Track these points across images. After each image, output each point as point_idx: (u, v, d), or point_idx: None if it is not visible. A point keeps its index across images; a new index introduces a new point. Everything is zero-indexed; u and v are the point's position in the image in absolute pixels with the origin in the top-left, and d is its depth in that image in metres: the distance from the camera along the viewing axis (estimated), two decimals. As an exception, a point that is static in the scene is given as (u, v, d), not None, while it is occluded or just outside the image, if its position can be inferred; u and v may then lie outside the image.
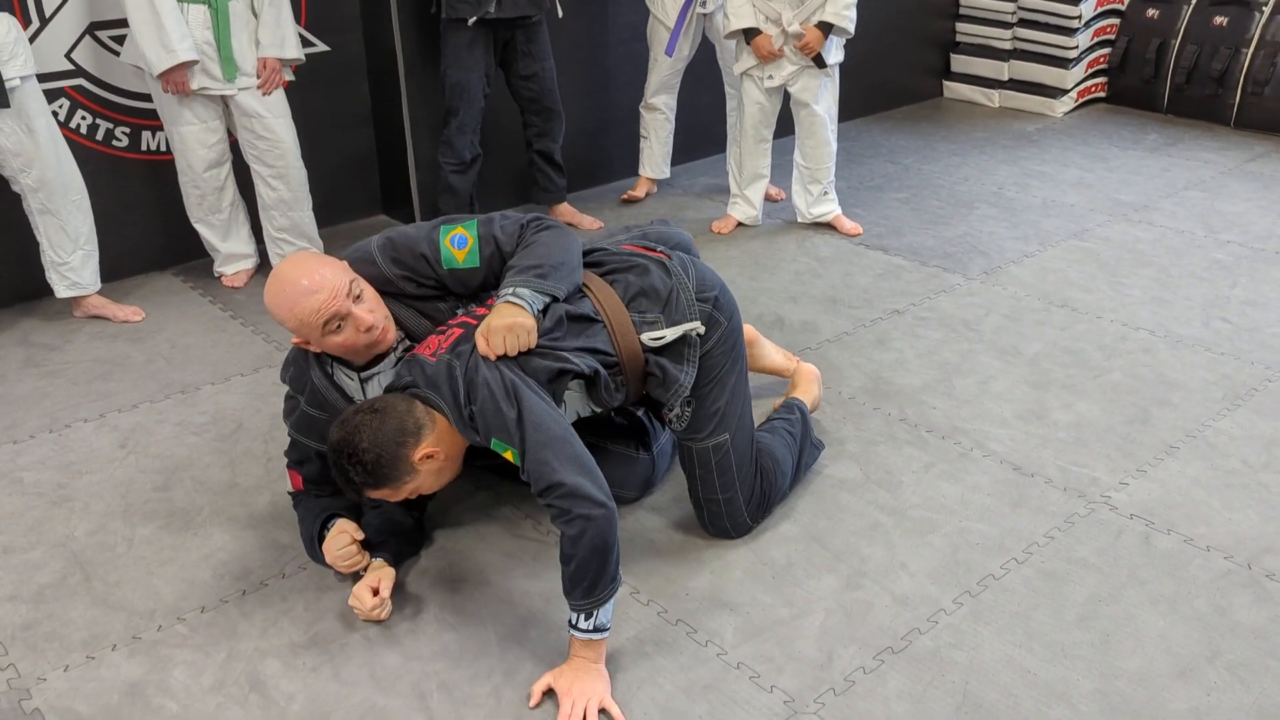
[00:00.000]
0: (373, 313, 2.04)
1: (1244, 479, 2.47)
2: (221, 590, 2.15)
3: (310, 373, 2.12)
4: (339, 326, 2.00)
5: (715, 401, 2.16)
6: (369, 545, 2.14)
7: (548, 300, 2.00)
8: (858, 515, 2.35)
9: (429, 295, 2.15)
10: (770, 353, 2.78)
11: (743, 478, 2.22)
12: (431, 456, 1.92)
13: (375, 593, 2.03)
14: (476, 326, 1.99)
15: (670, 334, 2.08)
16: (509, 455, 1.85)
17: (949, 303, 3.39)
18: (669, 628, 2.03)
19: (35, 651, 1.99)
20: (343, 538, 2.09)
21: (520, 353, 1.93)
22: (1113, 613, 2.06)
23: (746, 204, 4.01)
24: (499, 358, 1.91)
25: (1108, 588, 2.12)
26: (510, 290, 1.97)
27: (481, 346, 1.92)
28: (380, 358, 2.13)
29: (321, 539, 2.13)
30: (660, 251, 2.22)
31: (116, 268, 3.53)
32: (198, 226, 3.50)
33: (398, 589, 2.12)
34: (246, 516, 2.38)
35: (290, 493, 2.27)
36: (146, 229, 3.63)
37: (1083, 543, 2.26)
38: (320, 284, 1.98)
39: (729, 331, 2.18)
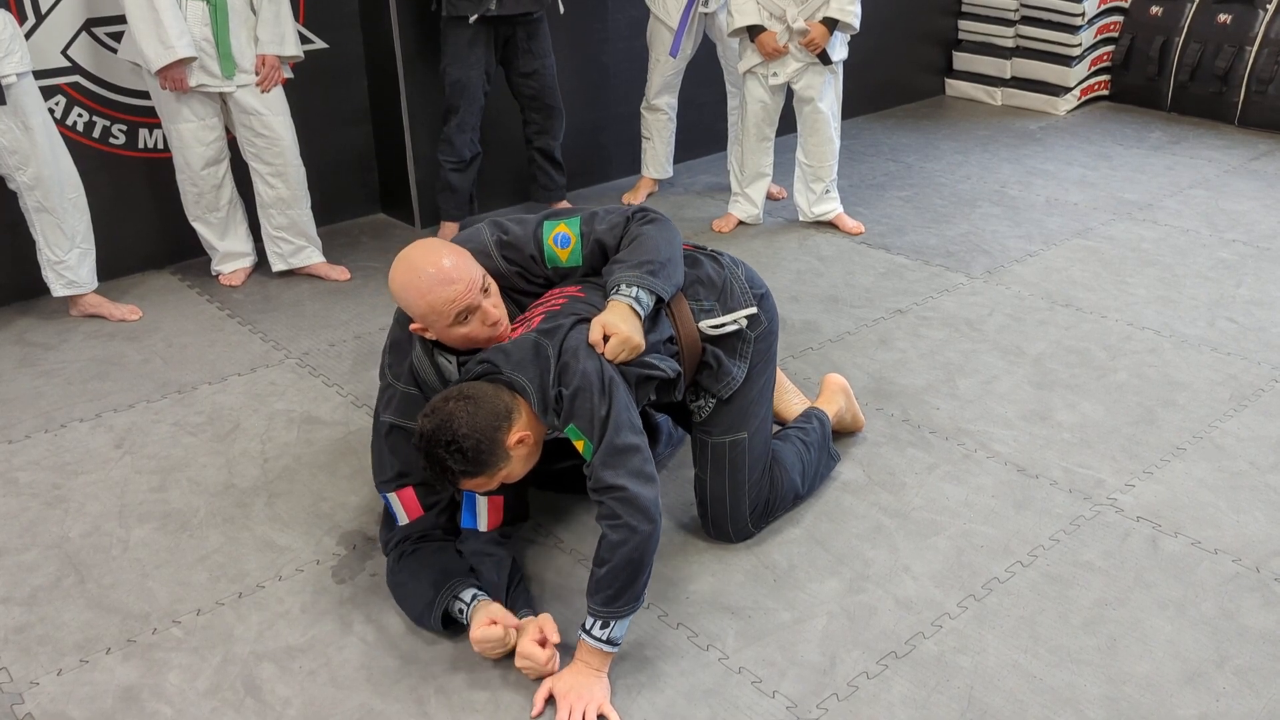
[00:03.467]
0: (498, 307, 2.01)
1: (1251, 480, 2.44)
2: (217, 593, 2.12)
3: (411, 352, 2.07)
4: (467, 318, 1.96)
5: (742, 397, 2.16)
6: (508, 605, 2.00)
7: (656, 300, 1.99)
8: (860, 517, 2.33)
9: (537, 290, 2.14)
10: (791, 400, 2.61)
11: (752, 481, 2.20)
12: (523, 441, 1.88)
13: (543, 644, 1.88)
14: (568, 306, 1.98)
15: (728, 320, 2.11)
16: (580, 445, 1.85)
17: (952, 302, 3.37)
18: (670, 631, 2.01)
19: (28, 655, 1.97)
20: (495, 630, 1.88)
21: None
22: (1120, 617, 2.03)
23: (748, 202, 3.98)
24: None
25: (1114, 591, 2.10)
26: (626, 288, 1.96)
27: (595, 336, 1.91)
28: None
29: (443, 611, 1.96)
30: (707, 249, 2.24)
31: (113, 266, 3.51)
32: (195, 225, 3.48)
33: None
34: (243, 518, 2.35)
35: (388, 539, 2.08)
36: (143, 227, 3.61)
37: (1088, 545, 2.23)
38: (458, 274, 1.93)
39: (768, 332, 2.20)
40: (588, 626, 1.85)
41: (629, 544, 1.80)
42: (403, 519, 2.09)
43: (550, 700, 1.84)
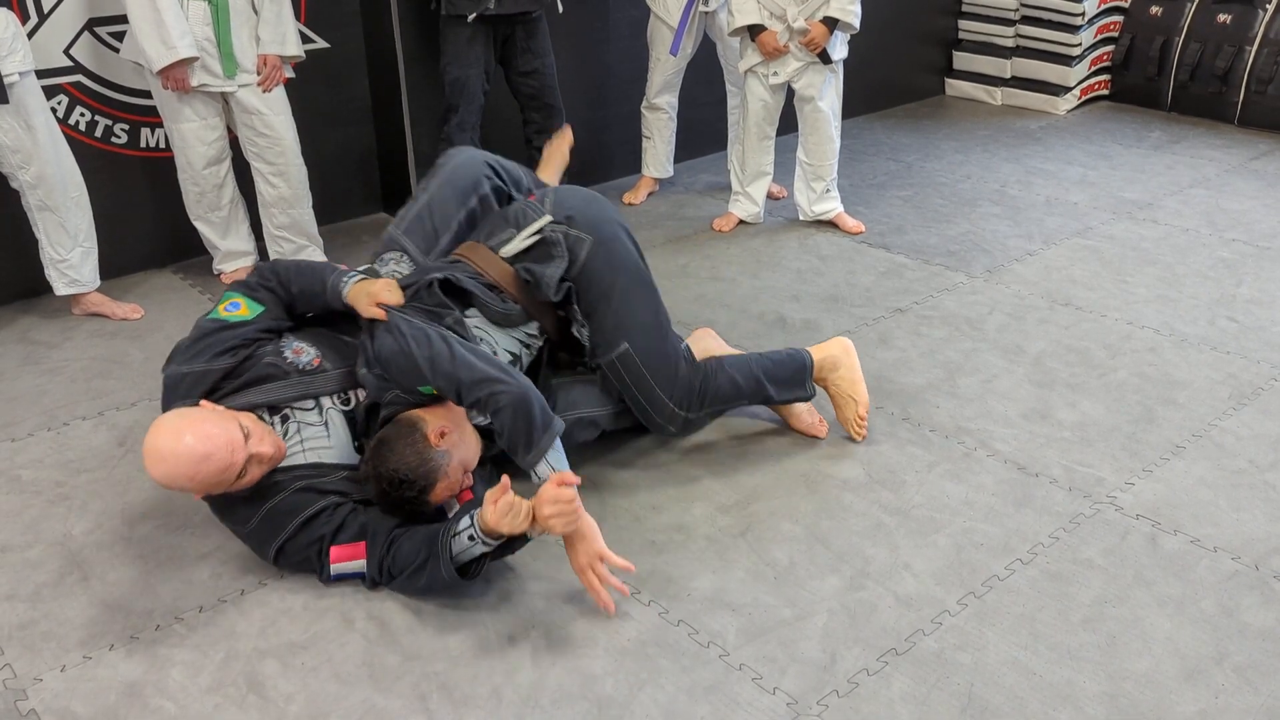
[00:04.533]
0: (264, 442, 2.03)
1: (1251, 479, 2.45)
2: (220, 589, 2.13)
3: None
4: (245, 472, 2.00)
5: (605, 317, 2.31)
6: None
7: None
8: (861, 515, 2.34)
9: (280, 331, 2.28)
10: (801, 413, 2.64)
11: (660, 378, 2.32)
12: (445, 433, 2.07)
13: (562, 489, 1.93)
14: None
15: (520, 237, 2.34)
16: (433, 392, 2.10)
17: (952, 301, 3.38)
18: (670, 629, 2.01)
19: (32, 651, 1.97)
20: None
21: (398, 306, 2.18)
22: (1119, 614, 2.04)
23: (749, 201, 3.99)
24: (386, 310, 2.16)
25: (1114, 589, 2.11)
26: (349, 278, 2.25)
27: (370, 313, 2.16)
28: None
29: (452, 553, 1.98)
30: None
31: (115, 265, 3.51)
32: (197, 224, 3.48)
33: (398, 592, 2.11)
34: (245, 515, 2.36)
35: (373, 574, 2.07)
36: (146, 226, 3.62)
37: (1088, 543, 2.24)
38: (209, 444, 1.93)
39: (599, 245, 2.33)
40: (536, 479, 2.03)
41: (504, 401, 2.02)
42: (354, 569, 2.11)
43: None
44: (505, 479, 1.94)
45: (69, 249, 3.16)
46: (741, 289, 3.48)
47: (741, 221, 4.01)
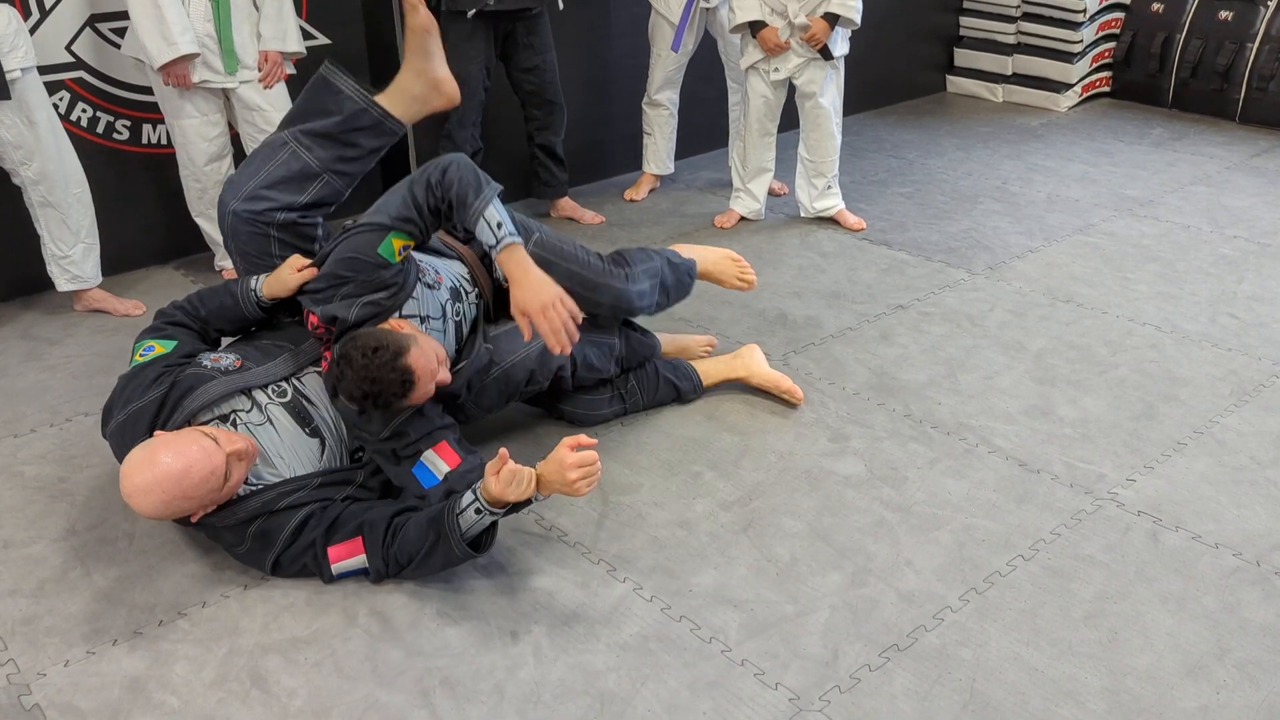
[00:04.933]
0: (231, 440, 2.04)
1: (1252, 475, 2.45)
2: (223, 585, 2.13)
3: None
4: (229, 475, 2.01)
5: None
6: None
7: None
8: (862, 512, 2.34)
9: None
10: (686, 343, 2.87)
11: (577, 248, 2.49)
12: (403, 327, 2.21)
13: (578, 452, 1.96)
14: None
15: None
16: (397, 243, 2.21)
17: (953, 298, 3.38)
18: (673, 624, 2.02)
19: (35, 646, 1.98)
20: (505, 471, 1.94)
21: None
22: (1120, 610, 2.04)
23: (750, 198, 3.99)
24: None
25: (1115, 585, 2.11)
26: (257, 279, 2.38)
27: (295, 279, 2.30)
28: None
29: (461, 529, 2.00)
30: None
31: (117, 261, 3.51)
32: (199, 220, 3.48)
33: (399, 584, 2.11)
34: (248, 511, 2.36)
35: (379, 567, 2.08)
36: (147, 223, 3.62)
37: (1090, 540, 2.24)
38: (185, 458, 1.94)
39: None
40: (488, 244, 2.15)
41: (452, 164, 2.18)
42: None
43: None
44: (503, 451, 1.94)
45: (71, 245, 3.16)
46: (743, 286, 3.48)
47: (743, 218, 4.01)
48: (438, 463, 2.18)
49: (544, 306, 2.14)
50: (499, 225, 2.17)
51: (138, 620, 2.04)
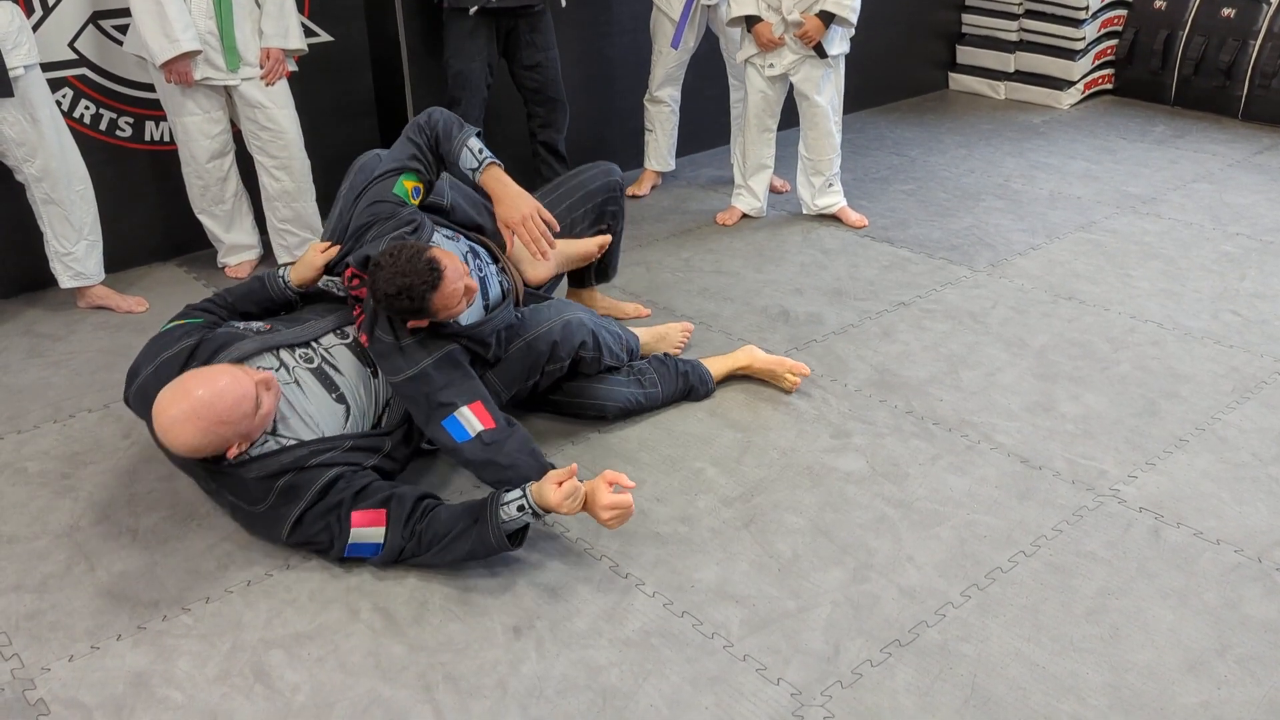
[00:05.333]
0: (256, 371, 2.11)
1: (1254, 472, 2.46)
2: (226, 580, 2.14)
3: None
4: (261, 401, 2.07)
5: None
6: None
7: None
8: (864, 508, 2.34)
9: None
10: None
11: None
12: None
13: (616, 491, 2.07)
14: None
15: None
16: (409, 184, 2.45)
17: (955, 295, 3.38)
18: (675, 620, 2.02)
19: (39, 641, 1.98)
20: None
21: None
22: (1122, 606, 2.05)
23: (751, 195, 3.99)
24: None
25: (1117, 581, 2.11)
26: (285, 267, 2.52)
27: (320, 259, 2.45)
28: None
29: (500, 521, 2.06)
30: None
31: (120, 258, 3.52)
32: (201, 217, 3.49)
33: (402, 579, 2.12)
34: (251, 507, 2.37)
35: (398, 545, 2.09)
36: (150, 220, 3.62)
37: (1091, 536, 2.24)
38: (220, 383, 2.01)
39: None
40: (472, 167, 2.39)
41: (437, 110, 2.46)
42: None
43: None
44: (574, 466, 2.07)
45: (74, 242, 3.17)
46: (745, 283, 3.48)
47: (745, 215, 4.01)
48: (472, 421, 2.22)
49: (524, 218, 2.38)
50: (480, 151, 2.43)
51: (141, 615, 2.04)
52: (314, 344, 2.33)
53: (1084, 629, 1.99)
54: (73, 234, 3.15)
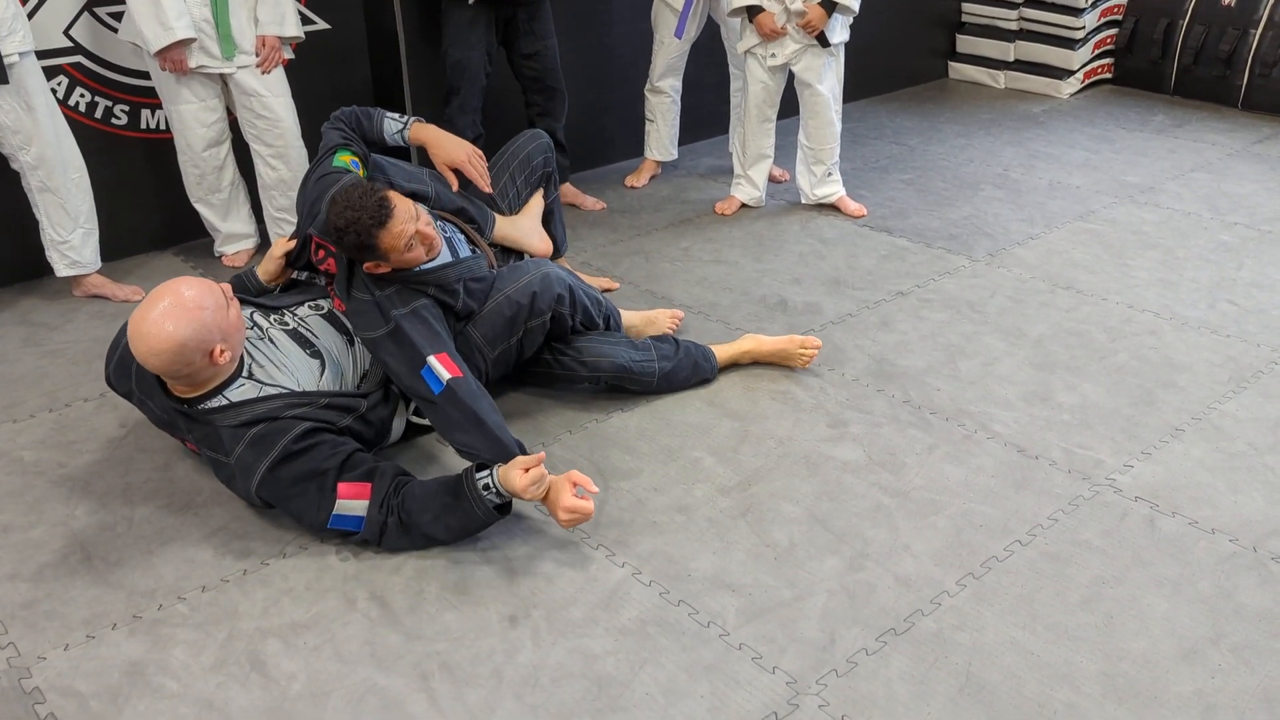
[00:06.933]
0: (214, 293, 2.18)
1: (1249, 461, 2.46)
2: (222, 569, 2.14)
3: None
4: (229, 301, 2.16)
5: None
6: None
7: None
8: (861, 497, 2.34)
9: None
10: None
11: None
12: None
13: (580, 496, 2.10)
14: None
15: None
16: (345, 158, 2.56)
17: (953, 284, 3.37)
18: (671, 609, 2.02)
19: (35, 630, 1.98)
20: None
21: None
22: (1117, 595, 2.05)
23: (750, 185, 3.98)
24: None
25: (1112, 570, 2.11)
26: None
27: (280, 248, 2.55)
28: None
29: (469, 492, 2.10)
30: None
31: (116, 247, 3.51)
32: (197, 206, 3.48)
33: (398, 569, 2.12)
34: (247, 496, 2.37)
35: (376, 520, 2.12)
36: (146, 208, 3.61)
37: (1087, 525, 2.25)
38: (185, 287, 2.09)
39: None
40: (395, 130, 2.68)
41: (335, 114, 2.69)
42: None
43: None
44: (543, 454, 2.12)
45: (70, 230, 3.16)
46: (744, 272, 3.48)
47: (743, 205, 4.00)
48: (440, 370, 2.27)
49: (469, 156, 2.67)
50: (399, 116, 2.68)
51: (137, 604, 2.05)
52: (287, 311, 2.41)
53: (1079, 618, 1.99)
54: (68, 222, 3.15)
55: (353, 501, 2.10)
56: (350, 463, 2.14)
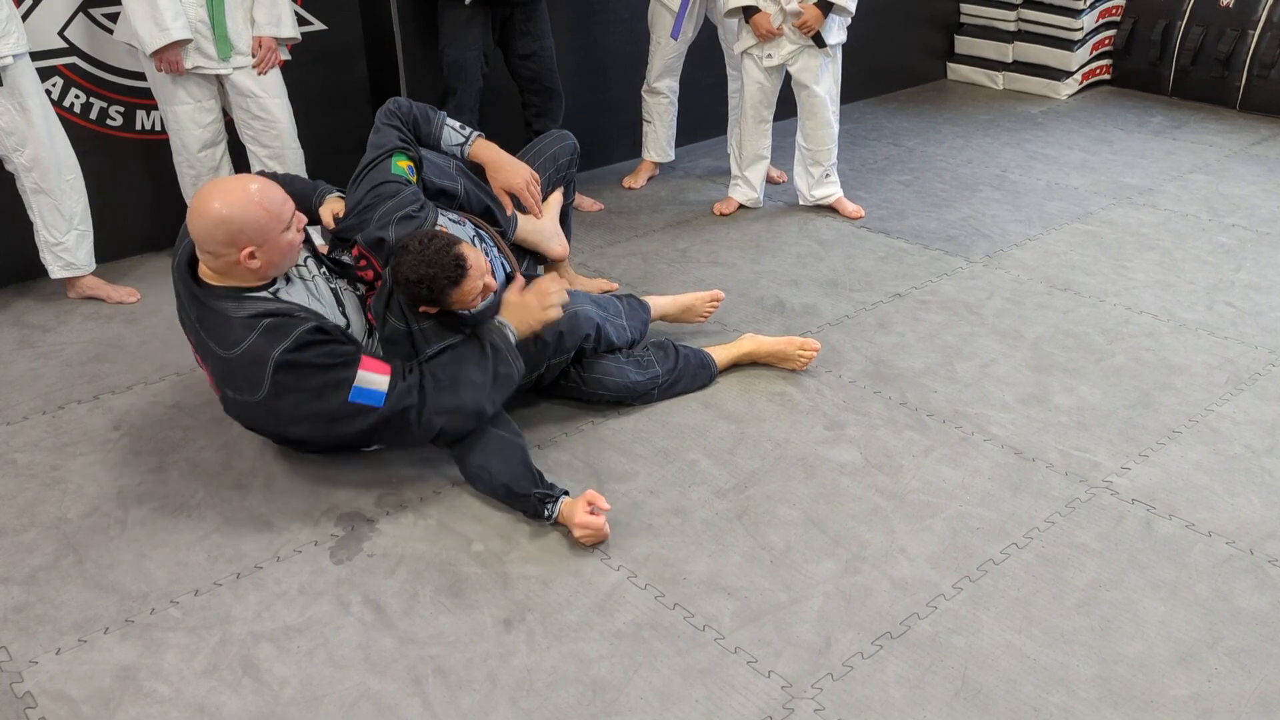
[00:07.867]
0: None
1: (1246, 464, 2.45)
2: (215, 573, 2.13)
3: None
4: (292, 224, 2.19)
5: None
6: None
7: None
8: (857, 499, 2.34)
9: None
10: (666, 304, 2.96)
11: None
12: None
13: (594, 514, 2.15)
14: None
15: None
16: (403, 163, 2.50)
17: (951, 286, 3.37)
18: (666, 612, 2.02)
19: (27, 634, 1.98)
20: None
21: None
22: (1113, 598, 2.04)
23: (747, 186, 3.97)
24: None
25: (1108, 573, 2.11)
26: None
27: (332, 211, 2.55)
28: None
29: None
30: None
31: (111, 249, 3.50)
32: (193, 207, 3.47)
33: (392, 572, 2.11)
34: (240, 499, 2.36)
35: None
36: (142, 209, 3.60)
37: (1083, 528, 2.24)
38: (274, 195, 2.15)
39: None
40: (456, 143, 2.61)
41: (388, 105, 2.60)
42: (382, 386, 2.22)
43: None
44: (519, 280, 2.33)
45: (64, 232, 3.15)
46: (741, 273, 3.47)
47: (741, 206, 4.00)
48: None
49: (526, 183, 2.64)
50: (461, 127, 2.62)
51: (129, 608, 2.04)
52: (334, 277, 2.43)
53: (1075, 621, 1.98)
54: (63, 224, 3.14)
55: (374, 375, 2.14)
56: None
